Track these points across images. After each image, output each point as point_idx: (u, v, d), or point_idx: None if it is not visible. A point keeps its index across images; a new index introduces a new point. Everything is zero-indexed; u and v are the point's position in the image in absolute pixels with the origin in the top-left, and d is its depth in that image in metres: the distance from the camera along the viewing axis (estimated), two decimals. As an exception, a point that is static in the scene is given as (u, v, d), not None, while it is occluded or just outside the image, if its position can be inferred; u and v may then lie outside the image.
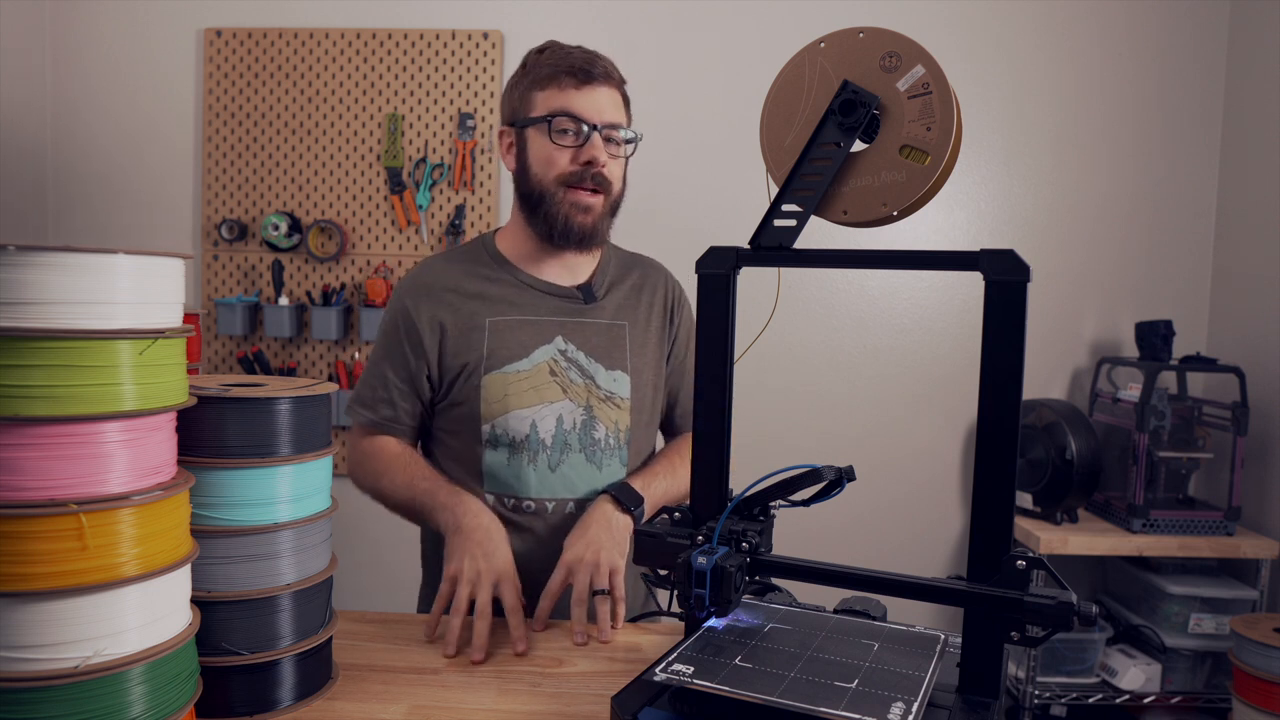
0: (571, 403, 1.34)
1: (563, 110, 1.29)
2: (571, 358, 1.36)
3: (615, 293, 1.43)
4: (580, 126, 1.29)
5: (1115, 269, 2.61)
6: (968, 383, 2.58)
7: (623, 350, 1.40)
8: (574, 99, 1.29)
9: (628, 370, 1.39)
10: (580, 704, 0.97)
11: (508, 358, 1.34)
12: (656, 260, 1.52)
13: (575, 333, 1.37)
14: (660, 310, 1.46)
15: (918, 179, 0.85)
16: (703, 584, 0.85)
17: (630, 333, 1.41)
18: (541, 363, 1.34)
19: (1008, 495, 0.82)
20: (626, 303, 1.43)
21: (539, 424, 1.33)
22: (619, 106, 1.34)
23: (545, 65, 1.31)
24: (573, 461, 1.35)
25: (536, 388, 1.34)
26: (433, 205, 2.60)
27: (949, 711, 0.81)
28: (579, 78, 1.29)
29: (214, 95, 2.60)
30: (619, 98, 1.35)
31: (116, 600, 0.75)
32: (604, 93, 1.31)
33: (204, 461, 0.89)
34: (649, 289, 1.46)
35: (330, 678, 1.01)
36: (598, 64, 1.31)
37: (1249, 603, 2.28)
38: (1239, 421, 2.25)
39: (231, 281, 2.63)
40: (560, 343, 1.36)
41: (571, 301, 1.38)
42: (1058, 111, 2.58)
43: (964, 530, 2.65)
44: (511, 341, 1.34)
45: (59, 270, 0.72)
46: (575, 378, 1.36)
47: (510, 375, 1.34)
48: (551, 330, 1.36)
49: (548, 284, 1.38)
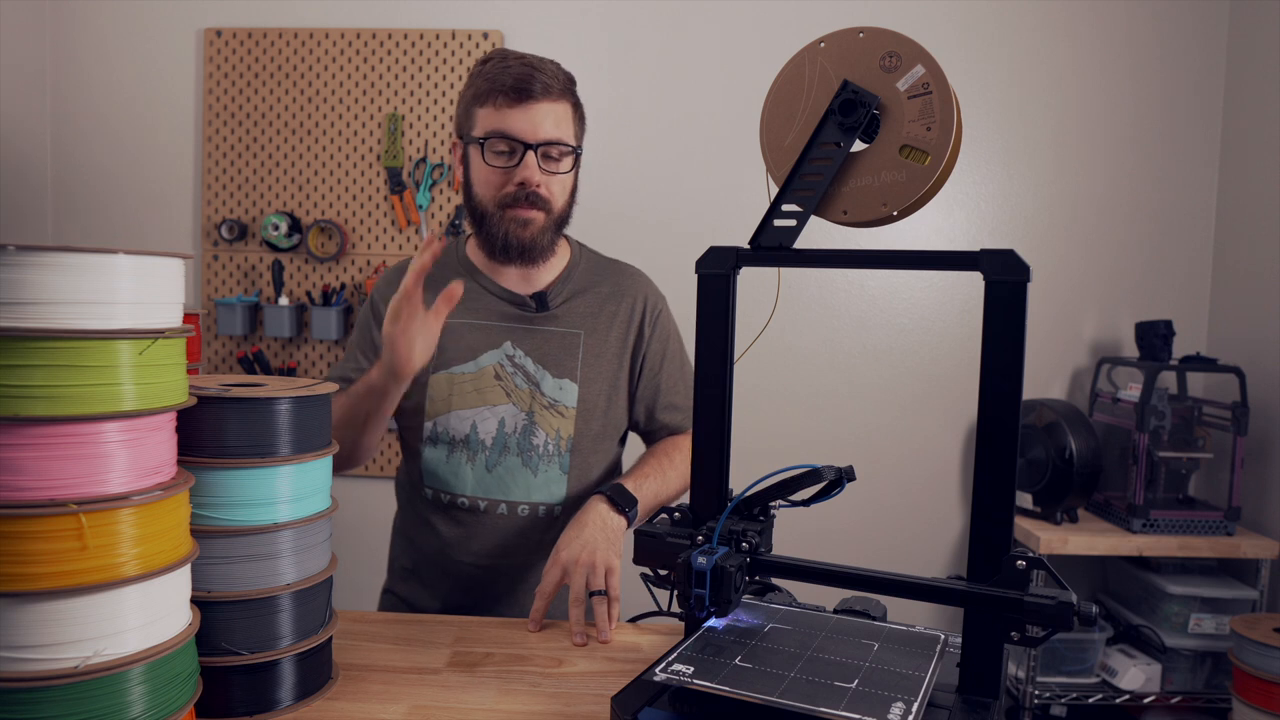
0: (514, 407, 1.37)
1: (497, 130, 1.27)
2: (519, 363, 1.38)
3: (576, 301, 1.42)
4: (515, 147, 1.28)
5: (1115, 269, 2.61)
6: (968, 383, 2.58)
7: (574, 359, 1.39)
8: (509, 118, 1.27)
9: (576, 379, 1.39)
10: (580, 704, 0.97)
11: (454, 359, 1.37)
12: (639, 271, 1.49)
13: (525, 339, 1.38)
14: (624, 321, 1.43)
15: (918, 179, 0.85)
16: (703, 584, 0.85)
17: (586, 341, 1.40)
18: (487, 366, 1.37)
19: (1008, 495, 0.82)
20: (587, 311, 1.41)
21: (479, 425, 1.36)
22: (562, 120, 1.30)
23: (484, 80, 1.29)
24: (509, 464, 1.36)
25: (480, 390, 1.36)
26: (433, 205, 2.60)
27: (949, 711, 0.81)
28: (513, 96, 1.26)
29: (214, 95, 2.60)
30: (563, 109, 1.31)
31: (116, 600, 0.75)
32: (543, 109, 1.27)
33: (204, 461, 0.89)
34: (617, 299, 1.43)
35: (330, 678, 1.01)
36: (537, 79, 1.27)
37: (1249, 603, 2.28)
38: (1239, 421, 2.25)
39: (231, 281, 2.63)
40: (509, 348, 1.38)
41: (524, 309, 1.39)
42: (1058, 111, 2.58)
43: (964, 530, 2.65)
44: (460, 344, 1.37)
45: (59, 270, 0.72)
46: (520, 383, 1.37)
47: (456, 376, 1.37)
48: (500, 336, 1.38)
49: (503, 290, 1.40)
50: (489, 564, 1.39)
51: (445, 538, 1.39)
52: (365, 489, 2.68)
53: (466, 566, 1.39)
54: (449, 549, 1.39)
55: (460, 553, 1.39)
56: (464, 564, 1.39)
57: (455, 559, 1.39)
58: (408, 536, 1.47)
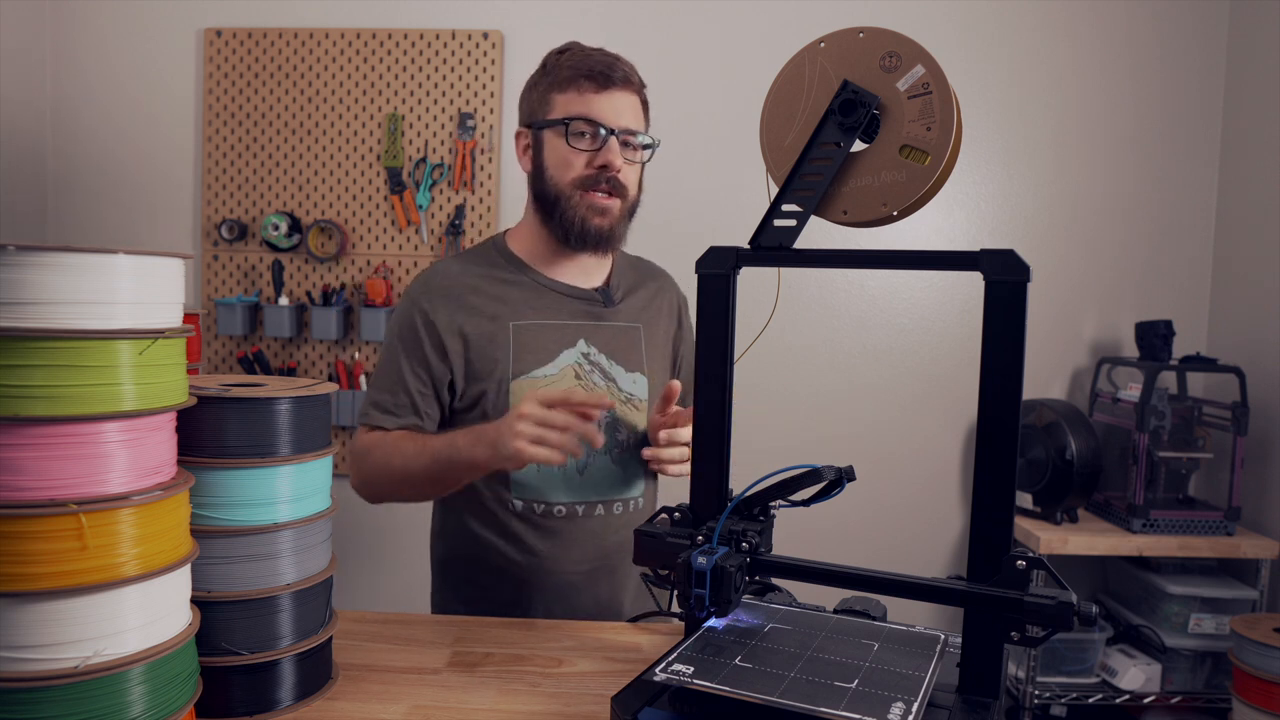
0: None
1: (581, 114, 1.29)
2: (594, 360, 1.36)
3: (632, 296, 1.44)
4: (598, 130, 1.29)
5: (1115, 269, 2.61)
6: (968, 383, 2.58)
7: (639, 353, 1.40)
8: (593, 103, 1.29)
9: (645, 372, 1.40)
10: (580, 704, 0.97)
11: (533, 363, 1.33)
12: (660, 266, 1.55)
13: (596, 335, 1.37)
14: (669, 315, 1.48)
15: (918, 179, 0.85)
16: (703, 584, 0.85)
17: (646, 335, 1.42)
18: (567, 365, 1.34)
19: (1008, 495, 0.82)
20: (641, 305, 1.44)
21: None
22: (637, 112, 1.34)
23: (565, 68, 1.30)
24: (599, 464, 1.34)
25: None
26: (433, 205, 2.60)
27: (949, 711, 0.81)
28: (598, 82, 1.29)
29: (214, 95, 2.60)
30: (638, 103, 1.34)
31: (116, 600, 0.75)
32: (623, 97, 1.30)
33: (204, 461, 0.89)
34: (660, 293, 1.48)
35: (330, 678, 1.01)
36: (618, 68, 1.30)
37: (1249, 603, 2.28)
38: (1239, 421, 2.25)
39: (231, 281, 2.63)
40: (583, 345, 1.36)
41: (591, 304, 1.38)
42: (1058, 111, 2.58)
43: (964, 530, 2.65)
44: (536, 346, 1.33)
45: (59, 270, 0.72)
46: (599, 380, 1.36)
47: (538, 380, 1.32)
48: (574, 333, 1.36)
49: (566, 286, 1.38)
50: (587, 569, 1.35)
51: (537, 549, 1.33)
52: (365, 489, 2.68)
53: (563, 576, 1.33)
54: (542, 560, 1.33)
55: (556, 563, 1.33)
56: (559, 574, 1.33)
57: (549, 570, 1.33)
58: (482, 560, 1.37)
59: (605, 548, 1.36)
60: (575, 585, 1.35)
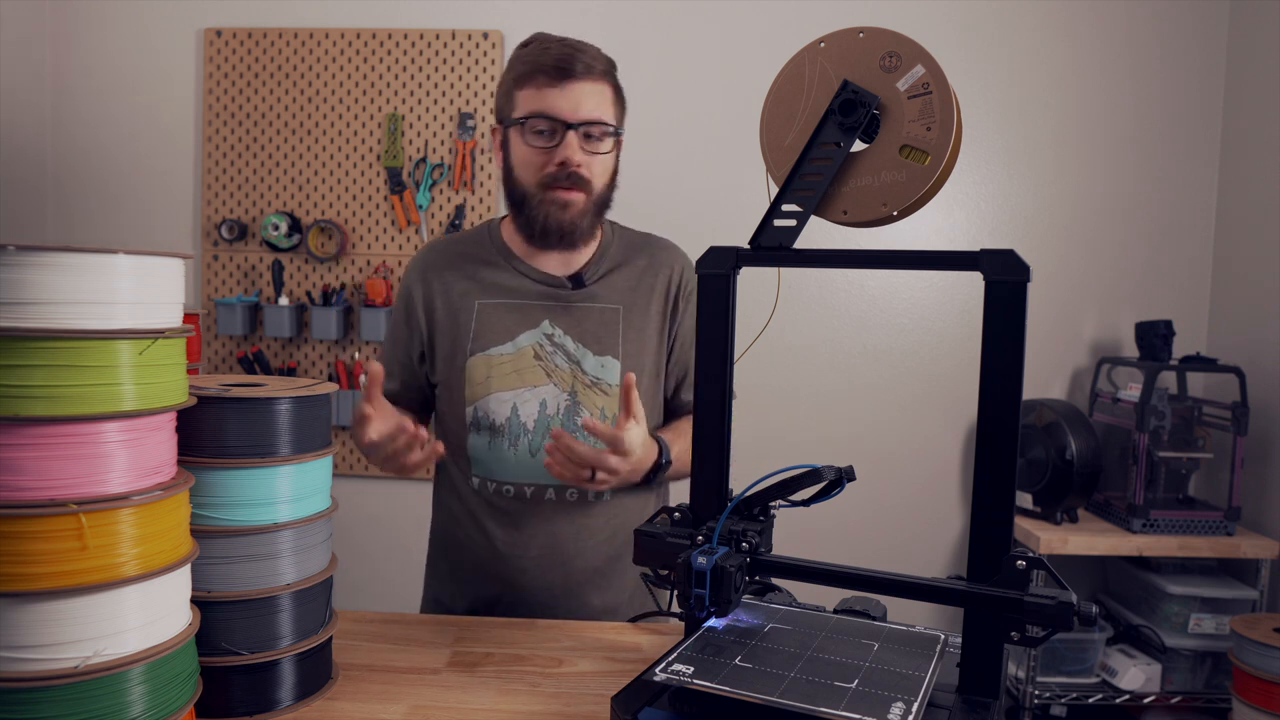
0: (555, 388, 1.34)
1: (538, 111, 1.27)
2: (558, 342, 1.35)
3: (614, 276, 1.40)
4: (555, 127, 1.27)
5: (1115, 269, 2.61)
6: (968, 383, 2.58)
7: (615, 336, 1.37)
8: (550, 98, 1.26)
9: (619, 356, 1.36)
10: (580, 704, 0.97)
11: (492, 340, 1.35)
12: (674, 244, 1.48)
13: (563, 317, 1.36)
14: (661, 294, 1.41)
15: (918, 179, 0.85)
16: (703, 584, 0.85)
17: (626, 317, 1.38)
18: (525, 346, 1.34)
19: (1008, 495, 0.82)
20: (625, 286, 1.40)
21: (520, 407, 1.33)
22: (602, 100, 1.29)
23: (524, 62, 1.29)
24: None
25: (519, 371, 1.34)
26: (433, 205, 2.60)
27: (949, 711, 0.81)
28: (554, 75, 1.26)
29: (214, 95, 2.60)
30: (604, 89, 1.30)
31: (116, 600, 0.75)
32: (584, 88, 1.27)
33: (204, 461, 0.89)
34: (654, 272, 1.42)
35: (330, 678, 1.01)
36: (578, 59, 1.27)
37: (1249, 603, 2.28)
38: (1239, 421, 2.25)
39: (231, 281, 2.63)
40: (547, 327, 1.35)
41: (560, 289, 1.37)
42: (1058, 111, 2.58)
43: (964, 530, 2.65)
44: (497, 325, 1.35)
45: (59, 270, 0.72)
46: (561, 362, 1.35)
47: (494, 358, 1.34)
48: (538, 315, 1.36)
49: (541, 273, 1.38)
50: (535, 554, 1.34)
51: (488, 529, 1.35)
52: (365, 489, 2.68)
53: (514, 560, 1.34)
54: (494, 541, 1.35)
55: (509, 545, 1.34)
56: (511, 557, 1.34)
57: (502, 553, 1.34)
58: (452, 536, 1.42)
59: (555, 535, 1.34)
60: (524, 570, 1.35)
